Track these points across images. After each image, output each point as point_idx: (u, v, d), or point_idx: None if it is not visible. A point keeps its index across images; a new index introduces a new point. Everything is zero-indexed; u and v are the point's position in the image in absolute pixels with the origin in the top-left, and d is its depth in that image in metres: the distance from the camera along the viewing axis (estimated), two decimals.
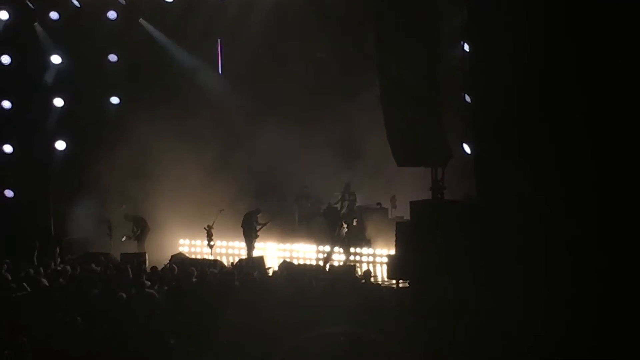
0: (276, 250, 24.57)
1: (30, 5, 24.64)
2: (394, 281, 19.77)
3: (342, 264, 22.33)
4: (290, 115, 25.39)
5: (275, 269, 20.81)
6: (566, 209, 13.94)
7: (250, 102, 25.88)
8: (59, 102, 25.29)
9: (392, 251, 19.90)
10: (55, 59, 25.13)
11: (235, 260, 23.06)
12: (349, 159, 24.40)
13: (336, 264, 22.41)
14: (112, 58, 25.86)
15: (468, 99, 17.21)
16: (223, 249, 25.17)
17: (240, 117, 25.86)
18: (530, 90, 14.32)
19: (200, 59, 27.18)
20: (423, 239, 16.38)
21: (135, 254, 22.35)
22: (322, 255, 23.25)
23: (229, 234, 24.63)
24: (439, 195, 17.08)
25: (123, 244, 23.85)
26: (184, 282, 17.28)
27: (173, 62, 26.64)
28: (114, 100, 26.15)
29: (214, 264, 20.99)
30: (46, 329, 13.80)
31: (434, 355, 13.46)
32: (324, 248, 23.37)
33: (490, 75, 15.05)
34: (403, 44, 16.70)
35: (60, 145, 25.38)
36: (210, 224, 23.68)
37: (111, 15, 25.60)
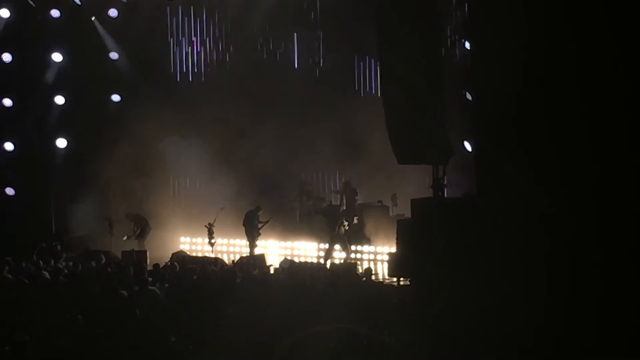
0: (277, 248, 24.56)
1: (31, 3, 24.64)
2: (395, 279, 19.78)
3: (343, 261, 22.33)
4: (292, 112, 25.37)
5: (277, 266, 20.81)
6: (567, 207, 13.91)
7: (252, 100, 25.86)
8: (60, 100, 25.29)
9: (393, 249, 19.89)
10: (56, 56, 25.13)
11: (236, 258, 23.06)
12: (350, 156, 24.38)
13: (337, 261, 22.41)
14: (113, 56, 25.87)
15: (469, 97, 17.20)
16: (224, 246, 25.16)
17: (242, 115, 25.83)
18: (531, 88, 14.28)
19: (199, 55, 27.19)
20: (424, 236, 16.32)
21: (136, 252, 22.37)
22: (323, 253, 23.26)
23: (230, 232, 24.62)
24: (440, 193, 17.03)
25: (124, 241, 23.86)
26: (184, 280, 17.28)
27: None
28: (115, 97, 26.15)
29: (215, 262, 20.97)
30: (47, 327, 13.80)
31: (435, 353, 13.46)
32: (324, 246, 23.37)
33: (492, 73, 15.00)
34: (404, 42, 16.65)
35: (61, 143, 25.39)
36: (211, 222, 23.69)
37: (112, 12, 25.61)
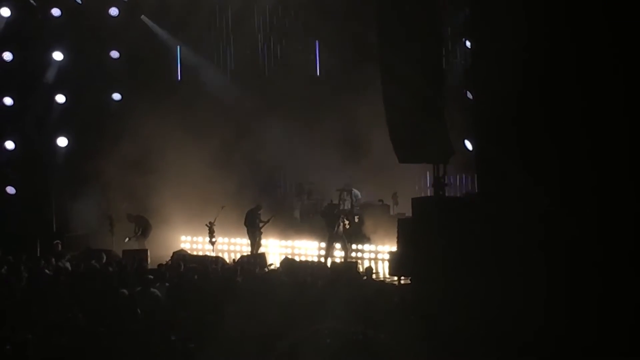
0: (278, 247, 24.56)
1: (32, 2, 24.65)
2: (395, 278, 19.77)
3: (342, 260, 22.34)
4: (293, 111, 25.37)
5: (277, 265, 20.81)
6: (567, 206, 13.92)
7: (253, 98, 25.87)
8: (60, 99, 25.30)
9: (394, 248, 19.89)
10: (57, 55, 25.13)
11: (237, 256, 23.05)
12: (351, 155, 24.37)
13: (337, 260, 22.41)
14: (114, 54, 25.87)
15: (470, 96, 17.22)
16: (225, 245, 25.17)
17: (243, 114, 25.84)
18: (531, 87, 14.29)
19: (203, 55, 27.17)
20: (425, 235, 16.34)
21: (137, 251, 22.38)
22: (324, 252, 23.26)
23: (230, 231, 24.62)
24: (441, 192, 17.05)
25: (126, 243, 23.85)
26: (185, 279, 17.28)
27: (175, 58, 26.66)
28: (116, 96, 26.15)
29: (216, 261, 20.96)
30: (48, 326, 13.80)
31: (435, 352, 13.44)
32: (325, 245, 23.38)
33: (492, 72, 15.01)
34: (405, 41, 16.66)
35: (62, 141, 25.41)
36: (212, 221, 23.68)
37: (113, 11, 25.60)
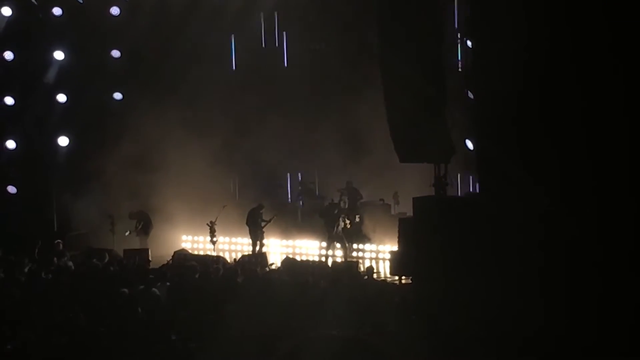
0: (279, 247, 24.56)
1: (33, 1, 24.65)
2: (396, 277, 19.77)
3: (343, 260, 22.34)
4: (294, 111, 25.37)
5: (278, 265, 20.82)
6: (567, 206, 13.92)
7: (255, 98, 25.85)
8: (61, 98, 25.29)
9: (395, 247, 19.90)
10: (58, 54, 25.13)
11: (238, 256, 23.06)
12: (352, 155, 24.37)
13: (338, 260, 22.42)
14: (115, 54, 25.86)
15: (471, 96, 17.21)
16: (226, 245, 25.15)
17: (244, 113, 25.83)
18: (532, 87, 14.29)
19: (204, 54, 27.14)
20: (426, 235, 16.33)
21: (138, 250, 22.37)
22: (325, 251, 23.27)
23: (231, 230, 24.62)
24: (442, 192, 17.05)
25: (126, 239, 23.86)
26: (186, 278, 17.28)
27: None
28: (117, 95, 26.13)
29: (217, 260, 20.96)
30: (49, 325, 13.81)
31: (436, 352, 13.44)
32: (326, 244, 23.38)
33: (493, 72, 15.01)
34: (405, 41, 16.65)
35: (62, 141, 25.38)
36: (213, 220, 23.68)
37: (114, 11, 25.59)
